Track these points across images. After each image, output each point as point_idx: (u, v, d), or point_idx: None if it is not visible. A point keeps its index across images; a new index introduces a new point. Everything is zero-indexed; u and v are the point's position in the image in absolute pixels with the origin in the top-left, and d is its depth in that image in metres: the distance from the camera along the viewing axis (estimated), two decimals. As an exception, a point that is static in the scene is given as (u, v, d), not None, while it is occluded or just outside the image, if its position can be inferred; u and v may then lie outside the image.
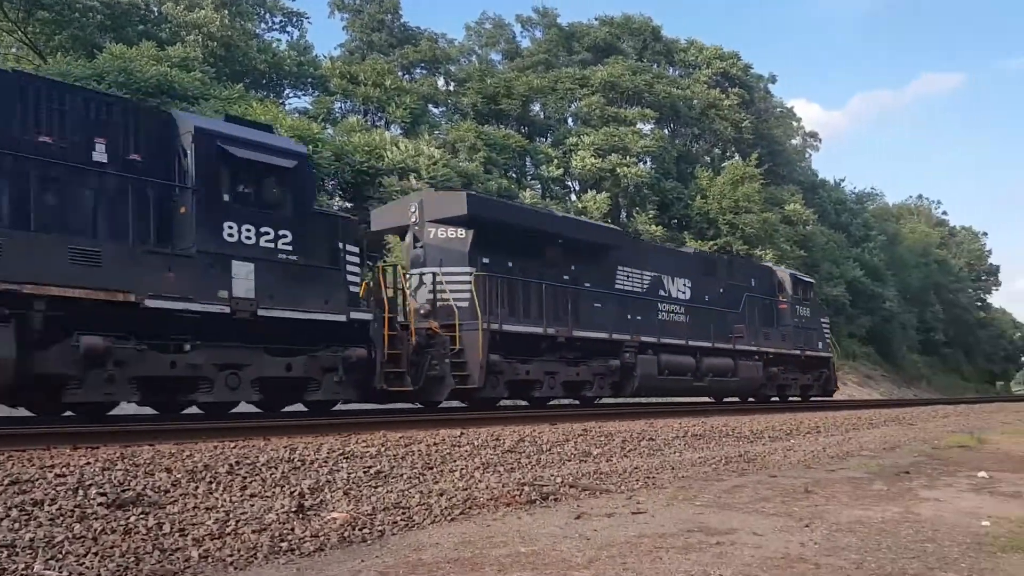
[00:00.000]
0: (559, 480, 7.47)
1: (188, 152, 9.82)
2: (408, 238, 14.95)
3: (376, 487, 6.46)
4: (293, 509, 5.50)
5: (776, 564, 4.65)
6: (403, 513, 5.85)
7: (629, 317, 17.40)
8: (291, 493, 5.87)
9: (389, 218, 15.52)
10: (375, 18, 49.39)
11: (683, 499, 6.90)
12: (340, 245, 11.39)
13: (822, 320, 26.11)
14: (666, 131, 51.00)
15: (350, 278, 11.54)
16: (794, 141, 68.80)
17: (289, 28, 45.96)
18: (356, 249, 11.72)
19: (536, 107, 47.18)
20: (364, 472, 6.74)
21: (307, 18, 46.54)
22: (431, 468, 7.28)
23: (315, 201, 12.35)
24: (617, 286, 17.56)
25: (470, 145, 35.30)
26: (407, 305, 13.31)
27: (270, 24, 45.43)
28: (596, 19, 55.41)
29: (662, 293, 18.87)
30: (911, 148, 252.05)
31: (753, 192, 43.94)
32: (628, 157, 41.38)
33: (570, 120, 47.80)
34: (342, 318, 11.05)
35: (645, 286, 18.39)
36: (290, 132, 27.35)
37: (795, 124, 70.15)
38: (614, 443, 9.84)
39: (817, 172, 69.02)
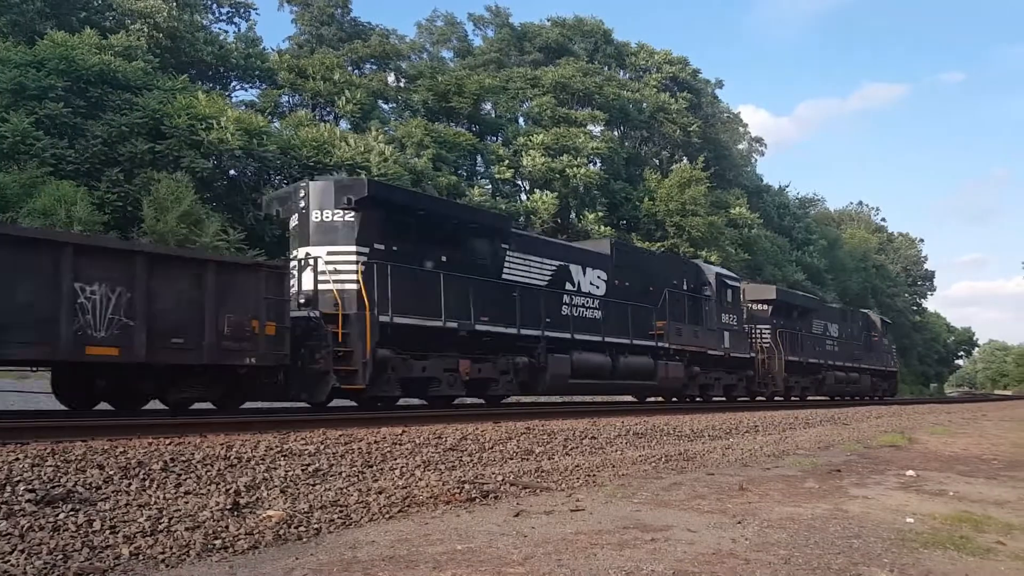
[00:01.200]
0: (500, 478, 7.49)
1: (711, 283, 21.49)
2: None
3: (314, 485, 6.40)
4: (228, 507, 5.43)
5: (707, 559, 4.75)
6: (341, 511, 5.81)
7: (817, 349, 29.14)
8: (226, 491, 5.79)
9: None
10: (325, 12, 48.88)
11: (622, 497, 6.99)
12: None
13: (893, 346, 41.03)
14: (616, 133, 51.47)
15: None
16: (740, 146, 70.02)
17: (236, 19, 45.37)
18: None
19: (487, 106, 47.18)
20: (302, 470, 6.68)
21: (255, 10, 45.87)
22: (371, 466, 7.24)
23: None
24: (813, 331, 29.09)
25: (418, 141, 35.14)
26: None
27: (217, 15, 44.74)
28: (548, 20, 55.71)
29: (828, 333, 30.53)
30: (854, 155, 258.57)
31: (700, 195, 44.56)
32: (578, 158, 41.64)
33: (521, 120, 47.90)
34: (747, 356, 22.96)
35: (822, 329, 30.05)
36: (235, 125, 26.94)
37: (741, 129, 71.43)
38: (556, 441, 9.90)
39: (762, 176, 70.36)
